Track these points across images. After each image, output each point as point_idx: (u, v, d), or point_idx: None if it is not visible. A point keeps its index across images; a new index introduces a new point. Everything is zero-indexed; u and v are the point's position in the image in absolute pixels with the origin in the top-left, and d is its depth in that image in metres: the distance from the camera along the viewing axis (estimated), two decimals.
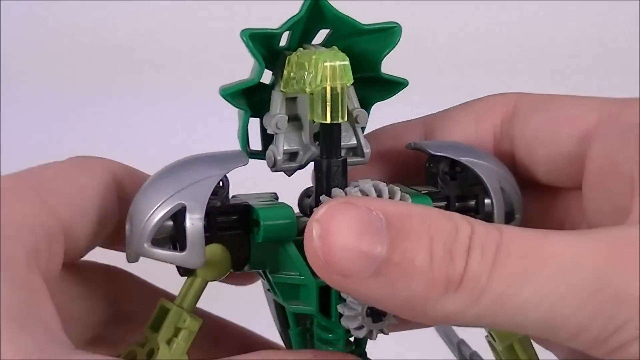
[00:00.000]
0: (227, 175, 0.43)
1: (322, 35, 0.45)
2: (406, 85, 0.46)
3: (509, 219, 0.46)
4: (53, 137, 0.97)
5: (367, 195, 0.40)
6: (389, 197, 0.41)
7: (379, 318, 0.42)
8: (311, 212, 0.43)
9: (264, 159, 0.45)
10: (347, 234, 0.36)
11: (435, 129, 0.48)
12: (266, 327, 0.49)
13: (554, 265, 0.35)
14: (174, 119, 0.97)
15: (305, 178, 0.47)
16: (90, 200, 0.42)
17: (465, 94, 0.50)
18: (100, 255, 0.46)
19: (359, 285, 0.36)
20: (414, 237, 0.36)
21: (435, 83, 0.90)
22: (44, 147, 0.91)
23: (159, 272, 0.46)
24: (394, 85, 0.46)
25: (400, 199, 0.41)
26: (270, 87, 0.45)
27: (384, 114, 0.48)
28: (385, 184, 0.41)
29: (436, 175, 0.46)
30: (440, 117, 0.48)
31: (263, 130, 0.46)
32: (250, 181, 0.48)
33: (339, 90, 0.42)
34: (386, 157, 0.48)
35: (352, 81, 0.43)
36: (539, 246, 0.36)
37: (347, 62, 0.43)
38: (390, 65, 0.45)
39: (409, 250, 0.35)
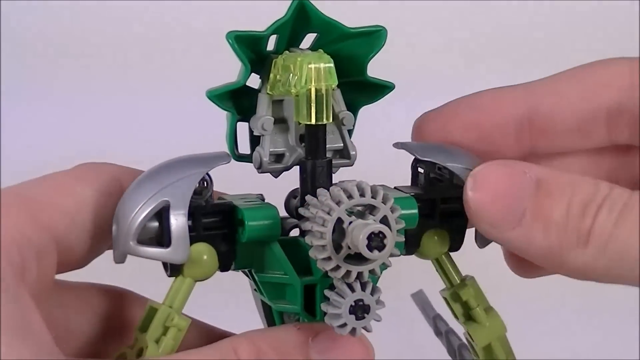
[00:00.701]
0: (211, 176, 0.43)
1: (309, 39, 0.46)
2: (393, 89, 0.46)
3: None
4: (53, 133, 0.97)
5: (350, 194, 0.41)
6: (372, 197, 0.41)
7: (362, 316, 0.42)
8: (297, 213, 0.44)
9: (252, 161, 0.46)
10: (498, 190, 0.41)
11: (540, 104, 0.46)
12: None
13: None
14: (175, 114, 0.97)
15: (293, 180, 0.47)
16: (88, 210, 0.43)
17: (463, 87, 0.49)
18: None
19: (504, 234, 0.41)
20: (557, 196, 0.41)
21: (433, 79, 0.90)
22: (43, 143, 0.92)
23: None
24: (380, 89, 0.46)
25: (383, 199, 0.41)
26: (258, 91, 0.46)
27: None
28: (367, 183, 0.42)
29: (422, 176, 0.47)
30: (547, 89, 0.47)
31: (251, 133, 0.46)
32: (238, 183, 0.49)
33: (323, 91, 0.43)
34: (481, 122, 0.47)
35: (336, 83, 0.43)
36: None
37: (331, 64, 0.43)
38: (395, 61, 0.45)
39: (549, 206, 0.41)
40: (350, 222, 0.40)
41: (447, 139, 0.46)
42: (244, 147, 0.47)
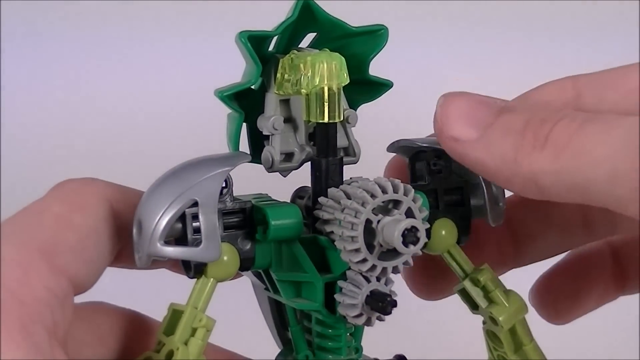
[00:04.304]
0: (231, 176, 0.43)
1: (306, 39, 0.46)
2: (391, 87, 0.47)
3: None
4: (54, 77, 0.95)
5: (372, 193, 0.41)
6: (394, 192, 0.42)
7: (376, 305, 0.42)
8: (306, 212, 0.45)
9: (253, 162, 0.46)
10: (464, 108, 0.42)
11: (586, 92, 0.45)
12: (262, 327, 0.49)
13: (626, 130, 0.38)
14: (176, 57, 0.96)
15: (289, 178, 0.47)
16: (90, 242, 0.42)
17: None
18: None
19: (465, 149, 0.42)
20: (519, 111, 0.41)
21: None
22: (44, 87, 0.89)
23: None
24: (378, 87, 0.47)
25: (404, 192, 0.42)
26: (255, 92, 0.46)
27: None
28: (385, 179, 0.42)
29: (421, 171, 0.47)
30: (595, 79, 0.45)
31: (251, 134, 0.47)
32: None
33: (335, 89, 0.44)
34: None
35: (348, 81, 0.44)
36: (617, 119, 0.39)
37: (343, 61, 0.44)
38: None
39: (510, 119, 0.41)
40: (379, 221, 0.41)
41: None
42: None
